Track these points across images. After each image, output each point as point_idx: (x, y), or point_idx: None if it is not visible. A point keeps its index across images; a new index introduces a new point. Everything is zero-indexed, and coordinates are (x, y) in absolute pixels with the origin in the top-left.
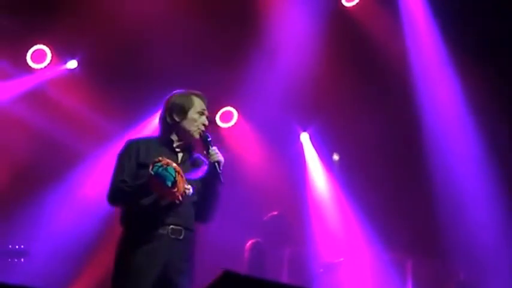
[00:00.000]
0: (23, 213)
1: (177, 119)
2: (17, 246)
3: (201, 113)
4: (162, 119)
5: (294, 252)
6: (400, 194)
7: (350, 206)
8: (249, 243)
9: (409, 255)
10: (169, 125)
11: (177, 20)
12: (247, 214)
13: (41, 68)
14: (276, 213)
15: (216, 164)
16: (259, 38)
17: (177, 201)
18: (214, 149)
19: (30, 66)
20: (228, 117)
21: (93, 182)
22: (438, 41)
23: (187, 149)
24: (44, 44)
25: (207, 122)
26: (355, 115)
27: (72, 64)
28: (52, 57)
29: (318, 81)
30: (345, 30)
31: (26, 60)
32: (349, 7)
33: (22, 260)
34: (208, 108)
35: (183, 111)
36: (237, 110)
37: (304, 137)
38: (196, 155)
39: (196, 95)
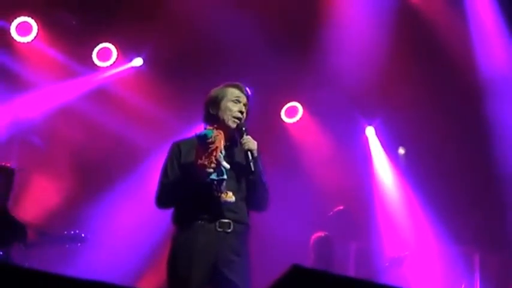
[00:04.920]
0: (91, 209)
1: (212, 111)
2: (72, 232)
3: (235, 101)
4: (203, 116)
5: (361, 247)
6: (467, 187)
7: (416, 200)
8: (316, 237)
9: (477, 248)
10: (209, 119)
11: (242, 18)
12: (313, 209)
13: (107, 66)
14: (341, 207)
15: (249, 152)
16: (324, 32)
17: (213, 164)
18: (247, 138)
19: (96, 64)
20: (293, 113)
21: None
22: (504, 35)
23: (230, 138)
24: (109, 43)
25: (243, 109)
26: (421, 109)
27: (138, 62)
28: (117, 55)
29: (383, 75)
30: (411, 24)
31: (92, 58)
32: (415, 1)
33: (79, 245)
34: (247, 98)
35: (216, 102)
36: (302, 105)
37: (370, 131)
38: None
39: (231, 85)
